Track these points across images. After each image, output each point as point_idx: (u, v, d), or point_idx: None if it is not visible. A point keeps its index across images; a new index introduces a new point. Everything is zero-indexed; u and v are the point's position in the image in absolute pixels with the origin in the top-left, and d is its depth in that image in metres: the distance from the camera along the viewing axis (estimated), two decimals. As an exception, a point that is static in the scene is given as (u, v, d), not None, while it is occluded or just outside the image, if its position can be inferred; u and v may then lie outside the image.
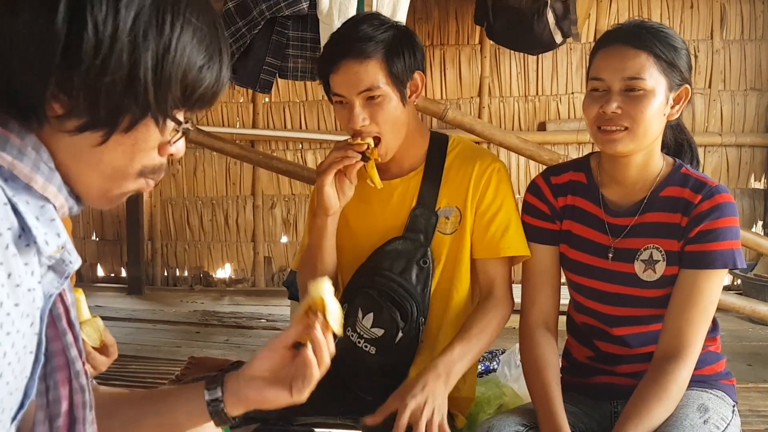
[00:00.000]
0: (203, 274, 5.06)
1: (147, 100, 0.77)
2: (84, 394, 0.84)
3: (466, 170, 1.68)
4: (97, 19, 0.73)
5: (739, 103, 4.69)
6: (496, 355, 2.44)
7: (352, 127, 1.58)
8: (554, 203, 1.64)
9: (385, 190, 1.68)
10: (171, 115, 0.81)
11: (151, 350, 3.52)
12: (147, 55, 0.76)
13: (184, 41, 0.78)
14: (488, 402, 1.97)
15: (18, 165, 0.75)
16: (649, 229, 1.54)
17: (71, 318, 0.83)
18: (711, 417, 1.46)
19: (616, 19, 4.56)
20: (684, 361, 1.45)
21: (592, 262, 1.60)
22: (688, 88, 1.49)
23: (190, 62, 0.79)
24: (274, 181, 4.88)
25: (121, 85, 0.75)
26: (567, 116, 4.73)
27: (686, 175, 1.53)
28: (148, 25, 0.76)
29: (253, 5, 2.77)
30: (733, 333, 3.70)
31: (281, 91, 4.77)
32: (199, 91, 0.82)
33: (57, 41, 0.73)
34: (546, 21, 3.51)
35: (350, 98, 1.57)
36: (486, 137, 3.25)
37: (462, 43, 4.72)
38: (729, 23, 4.63)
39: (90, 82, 0.74)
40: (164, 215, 5.02)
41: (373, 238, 1.69)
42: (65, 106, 0.76)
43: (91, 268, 5.12)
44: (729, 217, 1.47)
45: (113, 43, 0.74)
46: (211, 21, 0.82)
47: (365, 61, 1.55)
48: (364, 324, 1.64)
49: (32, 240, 0.75)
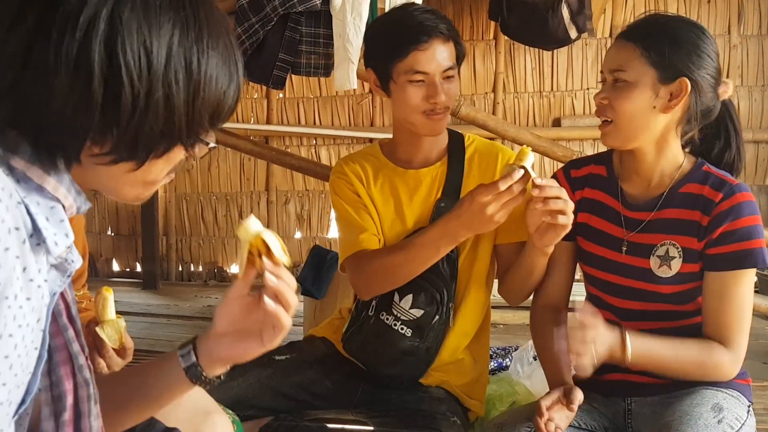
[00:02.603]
0: (217, 269, 5.08)
1: (180, 135, 0.81)
2: (88, 387, 0.85)
3: (490, 160, 1.76)
4: (132, 76, 0.75)
5: (757, 99, 4.64)
6: (508, 352, 2.43)
7: (434, 102, 1.65)
8: (571, 197, 1.63)
9: (414, 179, 1.77)
10: (201, 140, 0.85)
11: (165, 345, 3.54)
12: (180, 100, 0.79)
13: (210, 75, 0.81)
14: (501, 399, 1.97)
15: (31, 167, 0.77)
16: (666, 225, 1.53)
17: (72, 314, 0.85)
18: (725, 417, 1.45)
19: (632, 14, 4.52)
20: (735, 355, 1.48)
21: (606, 254, 1.60)
22: (685, 81, 1.45)
23: (217, 92, 0.83)
24: (288, 176, 4.88)
25: (157, 130, 0.79)
26: (582, 112, 4.70)
27: (707, 172, 1.52)
28: (178, 70, 0.78)
29: (267, 1, 2.77)
30: (749, 331, 3.66)
31: (295, 87, 4.78)
32: (224, 113, 0.86)
33: (95, 104, 0.74)
34: (561, 16, 3.49)
35: (433, 75, 1.64)
36: (500, 133, 3.24)
37: (476, 38, 4.70)
38: (746, 18, 4.58)
39: (129, 132, 0.77)
40: (179, 211, 5.05)
41: (401, 227, 1.75)
42: (101, 150, 0.78)
43: (106, 262, 5.16)
44: (751, 216, 1.45)
45: (149, 98, 0.76)
46: (225, 35, 0.84)
47: (449, 41, 1.66)
48: (402, 306, 1.69)
49: (42, 240, 0.76)
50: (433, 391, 1.72)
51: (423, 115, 1.67)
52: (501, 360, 2.37)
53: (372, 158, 1.82)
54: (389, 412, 1.69)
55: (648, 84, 1.45)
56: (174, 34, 0.78)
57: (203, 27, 0.81)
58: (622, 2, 4.54)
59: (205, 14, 0.82)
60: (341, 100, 4.76)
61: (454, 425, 1.63)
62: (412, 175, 1.77)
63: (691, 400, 1.49)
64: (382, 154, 1.82)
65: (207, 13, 0.82)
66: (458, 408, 1.72)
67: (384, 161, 1.80)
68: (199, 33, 0.80)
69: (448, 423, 1.63)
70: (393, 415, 1.67)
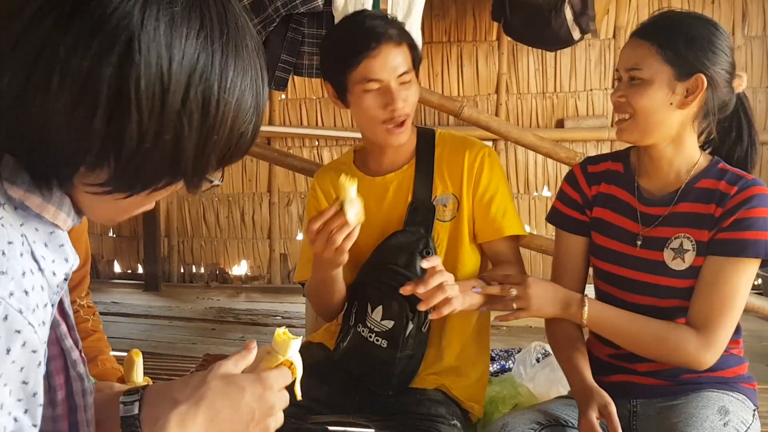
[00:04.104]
0: (219, 271, 5.07)
1: (185, 176, 0.76)
2: (83, 381, 0.84)
3: (457, 158, 1.74)
4: (143, 113, 0.68)
5: (762, 100, 4.62)
6: (511, 354, 2.42)
7: (392, 109, 1.63)
8: (587, 192, 1.67)
9: (381, 186, 1.76)
10: (206, 179, 0.79)
11: (166, 347, 3.53)
12: (190, 143, 0.72)
13: (227, 117, 0.73)
14: (503, 401, 1.96)
15: (30, 197, 0.74)
16: (681, 219, 1.53)
17: (64, 308, 0.84)
18: (731, 420, 1.44)
19: (635, 14, 4.50)
20: (705, 342, 1.44)
21: (620, 248, 1.60)
22: (701, 77, 1.46)
23: (232, 134, 0.75)
24: (290, 178, 4.88)
25: (161, 170, 0.73)
26: (585, 113, 4.68)
27: (723, 169, 1.53)
28: (193, 111, 0.71)
29: (269, 2, 2.77)
30: (753, 333, 3.64)
31: (297, 89, 4.77)
32: (236, 155, 0.79)
33: (95, 134, 0.68)
34: (564, 17, 3.48)
35: (388, 82, 1.62)
36: (502, 135, 3.24)
37: (479, 39, 4.69)
38: (751, 19, 4.56)
39: (129, 169, 0.71)
40: (181, 212, 5.04)
41: (374, 234, 1.72)
42: (96, 180, 0.73)
43: (108, 264, 5.16)
44: (764, 207, 1.45)
45: (157, 139, 0.69)
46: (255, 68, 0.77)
47: (400, 45, 1.63)
48: (374, 318, 1.67)
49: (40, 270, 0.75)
50: (431, 394, 1.70)
51: (383, 127, 1.65)
52: (504, 362, 2.36)
53: (344, 167, 1.81)
54: (390, 415, 1.68)
55: (664, 81, 1.47)
56: (196, 69, 0.70)
57: (230, 57, 0.73)
58: (626, 3, 4.53)
59: (238, 43, 0.74)
60: (343, 102, 4.75)
61: (454, 428, 1.62)
62: (379, 182, 1.76)
63: (697, 402, 1.48)
64: (353, 163, 1.83)
65: (240, 40, 0.75)
66: (457, 410, 1.71)
67: (353, 170, 1.80)
68: (224, 65, 0.72)
69: (449, 426, 1.61)
70: (393, 418, 1.66)
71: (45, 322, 0.74)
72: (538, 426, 1.48)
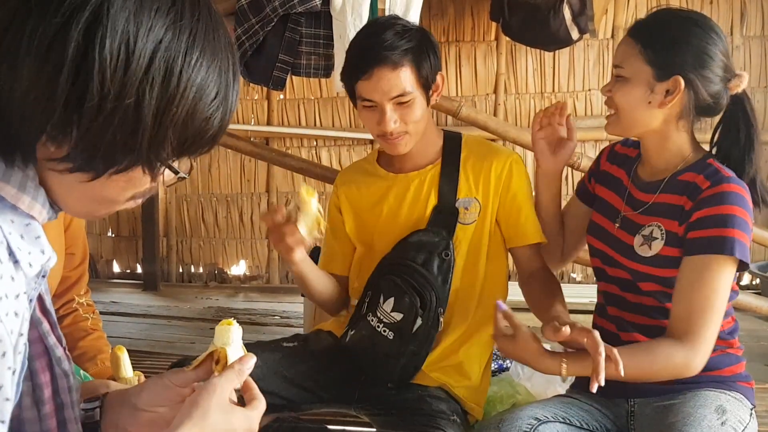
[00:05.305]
0: (218, 271, 5.07)
1: (141, 153, 0.74)
2: (68, 378, 0.84)
3: (485, 163, 1.76)
4: (105, 74, 0.68)
5: (760, 101, 4.61)
6: (509, 354, 2.42)
7: (382, 129, 1.66)
8: (601, 165, 1.77)
9: (401, 183, 1.79)
10: (166, 164, 0.78)
11: (165, 346, 3.52)
12: (149, 111, 0.71)
13: (189, 91, 0.74)
14: (501, 401, 1.96)
15: (4, 187, 0.74)
16: (659, 209, 1.56)
17: (46, 306, 0.84)
18: (728, 419, 1.45)
19: (634, 14, 4.50)
20: (691, 348, 1.41)
21: (603, 224, 1.67)
22: (679, 79, 1.48)
23: (195, 112, 0.75)
24: (289, 178, 4.87)
25: (120, 141, 0.72)
26: (584, 113, 4.68)
27: (709, 164, 1.53)
28: (155, 78, 0.71)
29: (266, 2, 2.77)
30: (750, 333, 3.65)
31: (296, 88, 4.77)
32: (197, 139, 0.78)
33: (59, 96, 0.68)
34: (562, 17, 3.48)
35: (381, 102, 1.64)
36: (500, 135, 3.24)
37: (477, 39, 4.69)
38: (749, 19, 4.56)
39: (89, 136, 0.71)
40: (179, 212, 5.04)
41: (394, 232, 1.76)
42: (58, 152, 0.73)
43: (106, 264, 5.15)
44: (732, 205, 1.43)
45: (118, 102, 0.70)
46: (226, 57, 0.78)
47: (397, 68, 1.62)
48: (385, 308, 1.69)
49: (16, 261, 0.74)
50: (432, 390, 1.71)
51: (381, 138, 1.71)
52: (502, 362, 2.36)
53: (367, 165, 1.89)
54: (390, 410, 1.69)
55: (643, 81, 1.51)
56: (163, 39, 0.71)
57: (199, 39, 0.74)
58: (624, 3, 4.53)
59: (208, 29, 0.75)
60: (342, 102, 4.74)
61: (454, 424, 1.63)
62: (401, 180, 1.80)
63: (695, 401, 1.48)
64: (376, 161, 1.88)
65: (210, 29, 0.75)
66: (458, 408, 1.72)
67: (375, 168, 1.85)
68: (191, 43, 0.73)
69: (449, 422, 1.62)
70: (394, 413, 1.67)
71: (18, 313, 0.73)
72: (535, 422, 1.48)
